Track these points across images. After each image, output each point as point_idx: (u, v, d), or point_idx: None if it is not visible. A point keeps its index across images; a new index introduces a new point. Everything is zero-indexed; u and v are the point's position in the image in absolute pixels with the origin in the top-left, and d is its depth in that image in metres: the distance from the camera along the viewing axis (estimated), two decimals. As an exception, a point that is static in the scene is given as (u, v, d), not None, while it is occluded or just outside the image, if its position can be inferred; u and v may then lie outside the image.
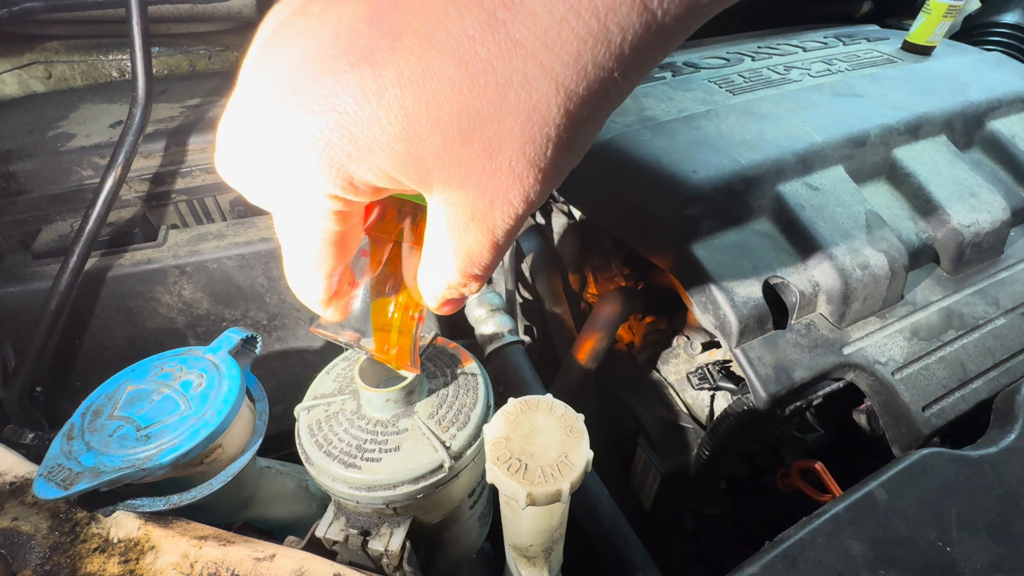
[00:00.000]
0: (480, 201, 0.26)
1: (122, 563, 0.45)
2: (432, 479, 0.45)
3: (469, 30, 0.21)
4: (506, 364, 0.78)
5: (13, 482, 0.50)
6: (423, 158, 0.24)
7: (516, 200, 0.26)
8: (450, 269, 0.30)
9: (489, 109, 0.23)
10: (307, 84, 0.23)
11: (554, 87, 0.22)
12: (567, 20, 0.21)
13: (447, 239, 0.28)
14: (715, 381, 0.79)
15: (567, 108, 0.23)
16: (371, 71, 0.22)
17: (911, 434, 0.67)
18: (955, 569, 0.49)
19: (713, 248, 0.71)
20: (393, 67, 0.22)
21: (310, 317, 0.80)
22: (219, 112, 0.81)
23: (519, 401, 0.42)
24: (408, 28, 0.22)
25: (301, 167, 0.25)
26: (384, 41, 0.22)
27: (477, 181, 0.25)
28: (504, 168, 0.25)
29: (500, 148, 0.24)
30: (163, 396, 0.49)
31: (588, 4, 0.21)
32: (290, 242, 0.30)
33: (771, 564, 0.49)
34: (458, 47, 0.21)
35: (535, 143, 0.24)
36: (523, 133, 0.24)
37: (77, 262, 0.65)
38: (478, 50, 0.21)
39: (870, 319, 0.73)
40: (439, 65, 0.22)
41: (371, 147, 0.24)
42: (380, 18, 0.22)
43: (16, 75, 0.90)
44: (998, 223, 0.80)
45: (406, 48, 0.22)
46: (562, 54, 0.22)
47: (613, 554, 0.64)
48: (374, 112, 0.23)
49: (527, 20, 0.21)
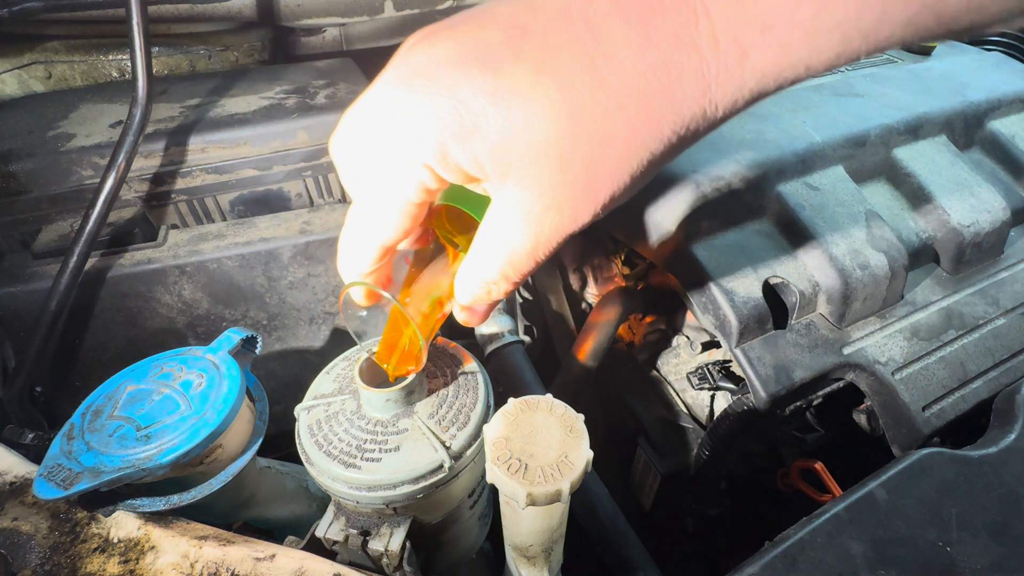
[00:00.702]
0: (538, 205, 0.30)
1: (122, 563, 0.45)
2: (432, 479, 0.45)
3: (574, 66, 0.27)
4: (506, 364, 0.78)
5: (13, 482, 0.50)
6: (510, 153, 0.29)
7: (566, 213, 0.31)
8: (491, 266, 0.34)
9: (574, 129, 0.28)
10: (440, 74, 0.29)
11: (627, 126, 0.28)
12: (646, 76, 0.27)
13: (498, 234, 0.32)
14: (715, 381, 0.79)
15: (634, 146, 0.29)
16: (492, 76, 0.28)
17: (911, 434, 0.67)
18: (955, 569, 0.49)
19: (713, 248, 0.71)
20: (509, 78, 0.28)
21: (310, 317, 0.80)
22: (219, 112, 0.82)
23: (519, 401, 0.42)
24: (529, 54, 0.28)
25: (411, 137, 0.30)
26: (508, 60, 0.28)
27: (544, 187, 0.30)
28: (570, 181, 0.30)
29: (572, 164, 0.29)
30: (163, 396, 0.49)
31: (664, 70, 0.27)
32: (367, 208, 0.35)
33: (771, 564, 0.49)
34: (562, 77, 0.28)
35: (599, 168, 0.29)
36: (595, 157, 0.29)
37: (77, 262, 0.65)
38: (576, 82, 0.28)
39: (870, 319, 0.73)
40: (544, 86, 0.28)
41: (472, 133, 0.29)
42: (510, 43, 0.28)
43: (16, 75, 0.90)
44: (998, 223, 0.80)
45: (523, 68, 0.28)
46: (639, 101, 0.28)
47: (613, 554, 0.64)
48: (484, 106, 0.28)
49: (617, 69, 0.27)
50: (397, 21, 1.12)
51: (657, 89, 0.27)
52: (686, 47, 0.26)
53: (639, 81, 0.27)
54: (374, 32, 1.13)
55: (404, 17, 1.11)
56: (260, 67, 1.01)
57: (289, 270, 0.76)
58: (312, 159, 0.82)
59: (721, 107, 0.28)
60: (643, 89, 0.27)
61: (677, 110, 0.28)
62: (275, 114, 0.81)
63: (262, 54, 1.04)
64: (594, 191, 0.30)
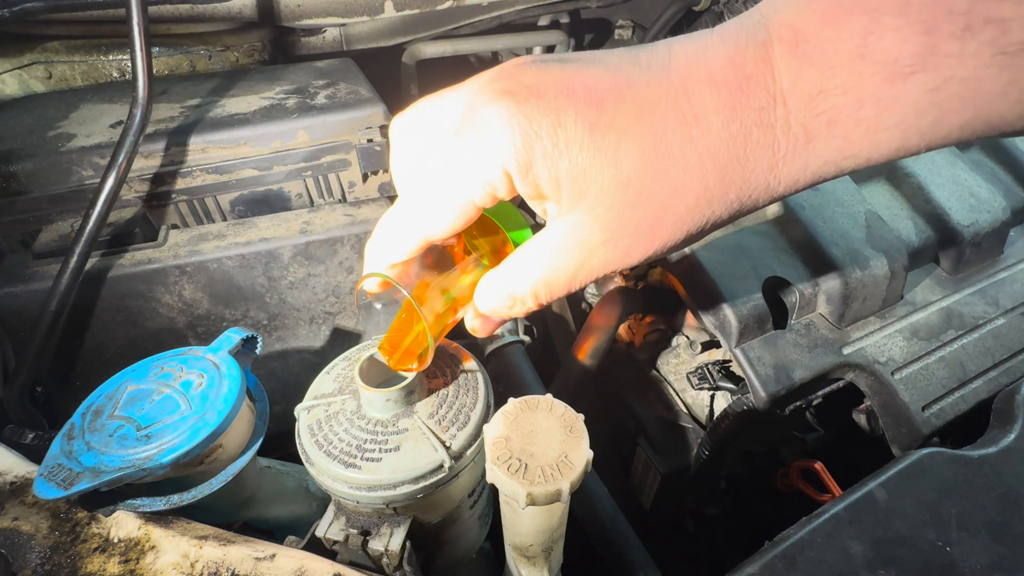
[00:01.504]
0: (598, 236, 0.32)
1: (122, 563, 0.45)
2: (432, 479, 0.45)
3: (668, 120, 0.31)
4: (506, 364, 0.78)
5: (13, 482, 0.50)
6: (590, 182, 0.31)
7: (620, 250, 0.33)
8: (524, 281, 0.35)
9: (655, 174, 0.31)
10: (548, 95, 0.31)
11: (702, 182, 0.31)
12: (727, 143, 0.30)
13: (544, 253, 0.34)
14: (715, 381, 0.79)
15: (703, 201, 0.31)
16: (596, 111, 0.31)
17: (911, 434, 0.67)
18: (955, 569, 0.49)
19: (713, 248, 0.71)
20: (611, 116, 0.31)
21: (310, 317, 0.80)
22: (219, 112, 0.82)
23: (519, 401, 0.42)
24: (630, 100, 0.31)
25: (500, 142, 0.31)
26: (612, 100, 0.31)
27: (611, 220, 0.32)
28: (636, 220, 0.32)
29: (644, 205, 0.31)
30: (163, 396, 0.49)
31: (743, 141, 0.30)
32: (422, 198, 0.35)
33: (771, 564, 0.49)
34: (656, 126, 0.30)
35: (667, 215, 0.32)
36: (666, 204, 0.31)
37: (77, 262, 0.65)
38: (668, 134, 0.31)
39: (870, 319, 0.73)
40: (639, 130, 0.30)
41: (562, 155, 0.31)
42: (615, 88, 0.31)
43: (16, 75, 0.90)
44: (998, 223, 0.80)
45: (624, 110, 0.31)
46: (717, 162, 0.30)
47: (613, 554, 0.64)
48: (581, 134, 0.31)
49: (704, 131, 0.30)
50: (397, 21, 1.12)
51: (734, 156, 0.30)
52: (764, 126, 0.30)
53: (721, 145, 0.30)
54: (374, 32, 1.13)
55: (404, 17, 1.11)
56: (260, 67, 1.01)
57: (289, 270, 0.76)
58: (312, 159, 0.82)
59: (783, 183, 0.31)
60: (723, 153, 0.30)
61: (746, 178, 0.31)
62: (275, 114, 0.81)
63: (262, 54, 1.04)
64: (655, 235, 0.32)
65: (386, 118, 0.84)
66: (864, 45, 0.27)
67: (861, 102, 0.28)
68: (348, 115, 0.82)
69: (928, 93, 0.27)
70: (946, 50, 0.26)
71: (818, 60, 0.29)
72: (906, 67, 0.27)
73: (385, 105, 0.84)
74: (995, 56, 0.25)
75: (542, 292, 0.35)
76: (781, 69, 0.29)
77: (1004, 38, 0.25)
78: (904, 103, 0.28)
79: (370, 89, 0.88)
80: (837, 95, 0.28)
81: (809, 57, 0.29)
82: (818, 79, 0.29)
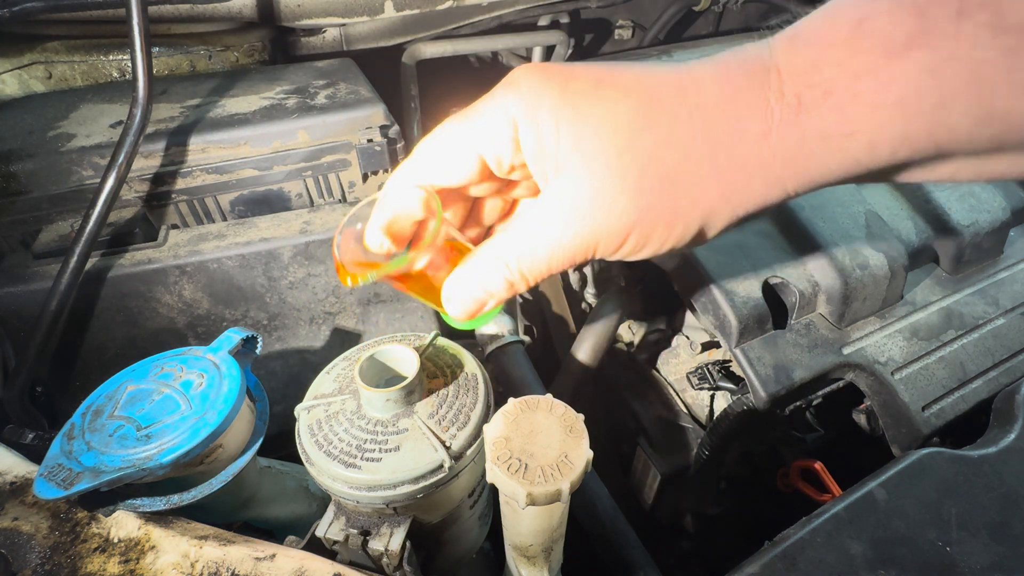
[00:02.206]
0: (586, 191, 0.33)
1: (122, 563, 0.45)
2: (432, 479, 0.45)
3: (668, 81, 0.33)
4: (506, 364, 0.78)
5: (13, 482, 0.50)
6: (586, 127, 0.32)
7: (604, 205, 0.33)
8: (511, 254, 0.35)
9: (643, 122, 0.32)
10: (559, 71, 0.34)
11: (691, 136, 0.32)
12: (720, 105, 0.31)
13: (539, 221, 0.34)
14: (715, 381, 0.79)
15: (689, 158, 0.32)
16: (604, 72, 0.33)
17: (911, 434, 0.67)
18: (955, 569, 0.49)
19: (713, 248, 0.71)
20: (616, 76, 0.33)
21: (310, 317, 0.80)
22: (219, 112, 0.82)
23: (519, 401, 0.42)
24: (636, 69, 0.34)
25: (508, 96, 0.34)
26: (619, 69, 0.34)
27: (599, 171, 0.32)
28: (621, 168, 0.32)
29: (631, 151, 0.32)
30: (163, 396, 0.49)
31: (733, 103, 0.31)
32: (431, 143, 0.37)
33: (771, 564, 0.49)
34: (654, 87, 0.33)
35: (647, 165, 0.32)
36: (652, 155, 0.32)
37: (77, 262, 0.65)
38: (663, 90, 0.32)
39: (870, 319, 0.73)
40: (639, 87, 0.33)
41: (567, 103, 0.33)
42: (622, 65, 0.34)
43: (16, 75, 0.90)
44: (998, 223, 0.80)
45: (628, 76, 0.33)
46: (707, 115, 0.32)
47: (613, 554, 0.64)
48: (586, 87, 0.33)
49: (697, 88, 0.32)
50: (397, 21, 1.12)
51: (724, 115, 0.31)
52: (756, 88, 0.31)
53: (711, 101, 0.32)
54: (374, 32, 1.13)
55: (404, 17, 1.11)
56: (260, 67, 1.01)
57: (289, 270, 0.76)
58: (312, 159, 0.82)
59: (778, 158, 0.31)
60: (712, 108, 0.32)
61: (736, 141, 0.31)
62: (275, 114, 0.81)
63: (262, 54, 1.04)
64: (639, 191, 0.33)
65: (386, 118, 0.84)
66: (859, 28, 0.28)
67: (857, 75, 0.28)
68: (348, 115, 0.82)
69: (927, 72, 0.27)
70: (941, 30, 0.26)
71: (814, 40, 0.30)
72: (901, 44, 0.27)
73: (385, 105, 0.84)
74: (995, 38, 0.25)
75: (524, 265, 0.36)
76: (776, 48, 0.31)
77: (1001, 20, 0.25)
78: (903, 81, 0.28)
79: (370, 89, 0.88)
80: (832, 67, 0.29)
81: (804, 38, 0.31)
82: (813, 55, 0.30)
